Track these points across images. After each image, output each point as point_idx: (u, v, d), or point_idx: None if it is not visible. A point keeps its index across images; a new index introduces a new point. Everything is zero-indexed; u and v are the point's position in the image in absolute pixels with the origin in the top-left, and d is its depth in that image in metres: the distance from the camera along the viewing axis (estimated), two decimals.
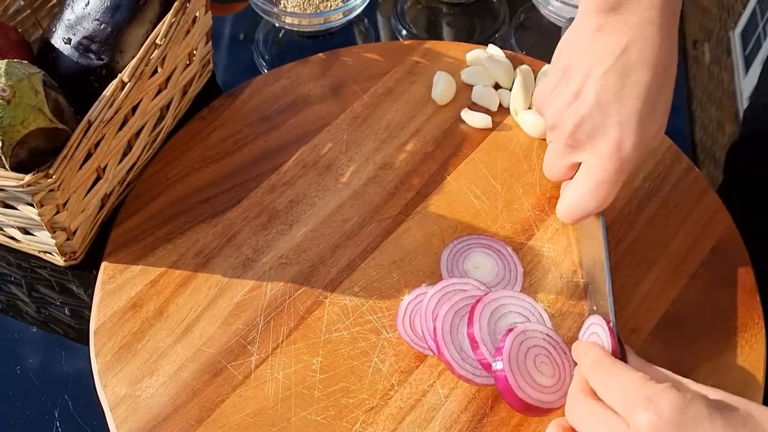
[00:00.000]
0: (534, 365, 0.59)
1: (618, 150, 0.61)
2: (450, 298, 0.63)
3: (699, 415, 0.48)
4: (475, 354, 0.61)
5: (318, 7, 0.85)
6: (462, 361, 0.61)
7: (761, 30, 1.16)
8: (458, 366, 0.61)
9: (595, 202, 0.64)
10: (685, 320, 0.66)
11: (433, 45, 0.83)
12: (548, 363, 0.60)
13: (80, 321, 0.68)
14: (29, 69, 0.60)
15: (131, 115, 0.67)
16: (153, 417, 0.60)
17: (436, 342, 0.62)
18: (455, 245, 0.68)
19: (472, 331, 0.61)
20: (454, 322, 0.62)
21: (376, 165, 0.74)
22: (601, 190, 0.63)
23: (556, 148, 0.66)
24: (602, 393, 0.53)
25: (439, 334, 0.62)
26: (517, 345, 0.59)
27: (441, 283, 0.65)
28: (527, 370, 0.59)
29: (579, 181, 0.64)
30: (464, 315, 0.62)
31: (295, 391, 0.61)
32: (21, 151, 0.59)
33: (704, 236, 0.70)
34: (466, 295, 0.64)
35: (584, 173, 0.64)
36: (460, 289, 0.64)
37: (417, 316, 0.64)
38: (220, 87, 0.83)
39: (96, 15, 0.67)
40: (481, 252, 0.68)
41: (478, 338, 0.61)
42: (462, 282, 0.65)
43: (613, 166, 0.62)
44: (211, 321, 0.65)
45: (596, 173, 0.63)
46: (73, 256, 0.69)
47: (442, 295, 0.64)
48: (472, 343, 0.61)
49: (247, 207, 0.72)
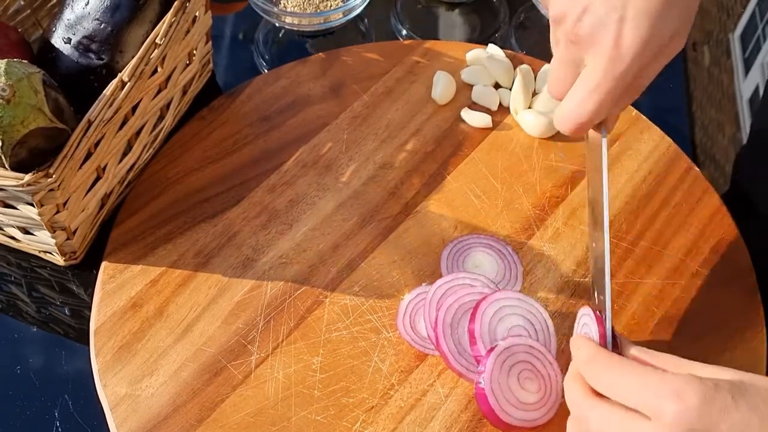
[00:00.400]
0: (518, 383, 0.59)
1: (616, 47, 0.56)
2: (456, 291, 0.63)
3: (725, 403, 0.47)
4: (471, 350, 0.61)
5: (318, 6, 0.85)
6: (458, 354, 0.61)
7: (761, 32, 1.16)
8: (453, 359, 0.61)
9: (589, 108, 0.58)
10: (685, 320, 0.66)
11: (433, 45, 0.83)
12: (533, 377, 0.60)
13: (80, 321, 0.68)
14: (29, 68, 0.60)
15: (131, 114, 0.67)
16: (153, 417, 0.60)
17: (436, 333, 0.62)
18: (455, 245, 0.68)
19: (473, 327, 0.61)
20: (456, 316, 0.62)
21: (376, 164, 0.74)
22: (596, 94, 0.57)
23: (559, 51, 0.61)
24: (609, 390, 0.51)
25: (440, 325, 0.62)
26: (499, 365, 0.59)
27: (450, 276, 0.65)
28: (510, 390, 0.59)
29: (576, 84, 0.59)
30: (468, 310, 0.62)
31: (295, 390, 0.61)
32: (21, 151, 0.59)
33: (704, 236, 0.70)
34: (473, 291, 0.63)
35: (582, 75, 0.59)
36: (469, 284, 0.64)
37: (417, 315, 0.64)
38: (220, 87, 0.83)
39: (96, 14, 0.67)
40: (481, 251, 0.68)
41: (477, 335, 0.61)
42: (472, 277, 0.65)
43: (610, 66, 0.56)
44: (211, 320, 0.65)
45: (593, 74, 0.57)
46: (73, 255, 0.69)
47: (449, 288, 0.64)
48: (471, 339, 0.61)
49: (247, 207, 0.72)
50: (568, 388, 0.54)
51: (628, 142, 0.76)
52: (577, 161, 0.74)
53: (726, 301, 0.66)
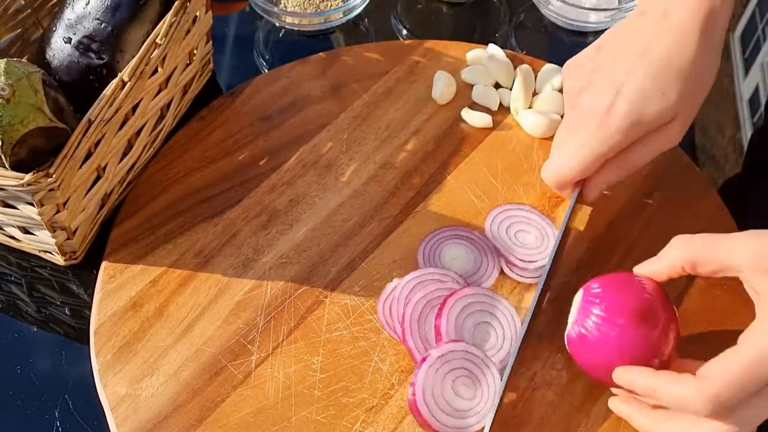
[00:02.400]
0: (452, 390, 0.59)
1: (606, 115, 0.61)
2: (426, 287, 0.64)
3: None
4: (436, 345, 0.61)
5: (318, 6, 0.85)
6: (423, 350, 0.62)
7: (760, 32, 1.16)
8: (418, 355, 0.61)
9: (573, 165, 0.64)
10: (685, 320, 0.66)
11: (434, 44, 0.83)
12: (469, 383, 0.60)
13: (80, 320, 0.68)
14: (29, 68, 0.60)
15: (131, 114, 0.67)
16: (153, 416, 0.60)
17: (403, 327, 0.62)
18: (428, 241, 0.68)
19: (439, 323, 0.61)
20: (424, 311, 0.63)
21: (376, 164, 0.74)
22: (581, 151, 0.63)
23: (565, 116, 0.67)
24: None
25: (407, 320, 0.62)
26: (432, 374, 0.59)
27: (419, 271, 0.65)
28: (444, 398, 0.59)
29: (567, 142, 0.65)
30: (436, 306, 0.63)
31: (296, 390, 0.61)
32: (21, 151, 0.59)
33: None
34: (442, 287, 0.64)
35: (573, 137, 0.64)
36: (438, 280, 0.64)
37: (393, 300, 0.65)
38: (220, 87, 0.83)
39: (96, 14, 0.67)
40: (454, 243, 0.68)
41: (443, 330, 0.61)
42: (441, 272, 0.65)
43: (598, 130, 0.62)
44: (211, 320, 0.65)
45: (581, 134, 0.63)
46: (73, 255, 0.69)
47: (417, 283, 0.64)
48: (437, 334, 0.61)
49: (247, 206, 0.71)
50: None
51: None
52: None
53: (726, 302, 0.66)
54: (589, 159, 0.63)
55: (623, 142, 0.62)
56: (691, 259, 0.56)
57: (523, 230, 0.68)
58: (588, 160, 0.63)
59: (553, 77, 0.78)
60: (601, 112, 0.61)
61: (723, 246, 0.55)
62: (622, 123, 0.61)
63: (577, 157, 0.63)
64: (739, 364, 0.51)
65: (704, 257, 0.56)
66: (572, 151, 0.63)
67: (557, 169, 0.65)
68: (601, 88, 0.62)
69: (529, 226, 0.69)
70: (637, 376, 0.55)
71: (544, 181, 0.67)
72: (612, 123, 0.61)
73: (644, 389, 0.55)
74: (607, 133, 0.62)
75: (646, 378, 0.55)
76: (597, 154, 0.63)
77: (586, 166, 0.63)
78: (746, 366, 0.51)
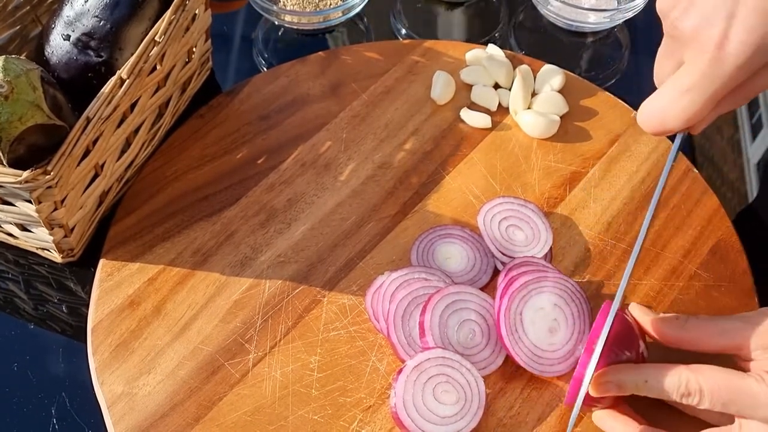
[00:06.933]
0: (433, 398, 0.59)
1: (719, 47, 0.49)
2: (411, 284, 0.64)
3: None
4: (420, 342, 0.61)
5: (317, 5, 0.85)
6: (408, 346, 0.62)
7: None
8: (402, 351, 0.62)
9: (677, 112, 0.52)
10: None
11: (433, 44, 0.83)
12: (450, 389, 0.59)
13: (78, 318, 0.68)
14: (27, 65, 0.60)
15: (130, 112, 0.67)
16: (150, 415, 0.60)
17: (387, 323, 0.62)
18: (421, 240, 0.68)
19: (423, 320, 0.62)
20: (408, 308, 0.63)
21: (374, 164, 0.74)
22: (689, 96, 0.51)
23: (662, 44, 0.55)
24: None
25: (391, 316, 0.62)
26: (411, 384, 0.59)
27: (406, 269, 0.65)
28: (426, 406, 0.59)
29: (668, 82, 0.53)
30: (420, 303, 0.63)
31: (293, 389, 0.61)
32: (19, 148, 0.59)
33: (703, 237, 0.70)
34: (427, 285, 0.64)
35: (677, 73, 0.52)
36: (424, 278, 0.65)
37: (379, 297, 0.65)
38: (219, 85, 0.83)
39: (95, 12, 0.67)
40: (447, 242, 0.68)
41: (426, 327, 0.61)
42: (427, 271, 0.65)
43: (709, 68, 0.50)
44: (208, 319, 0.65)
45: (689, 74, 0.51)
46: (70, 253, 0.69)
47: (403, 281, 0.64)
48: (420, 331, 0.61)
49: (245, 205, 0.71)
50: None
51: (627, 144, 0.76)
52: (575, 162, 0.74)
53: (724, 303, 0.66)
54: (699, 103, 0.51)
55: (742, 77, 0.50)
56: None
57: (515, 225, 0.68)
58: (698, 104, 0.51)
59: (552, 78, 0.78)
60: (713, 43, 0.49)
61: None
62: (741, 56, 0.49)
63: (683, 103, 0.52)
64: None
65: None
66: (677, 95, 0.52)
67: (659, 117, 0.54)
68: (706, 9, 0.50)
69: (522, 222, 0.69)
70: (623, 372, 0.55)
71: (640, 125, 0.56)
72: (728, 57, 0.49)
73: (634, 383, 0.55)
74: (723, 71, 0.50)
75: (633, 372, 0.55)
76: (710, 96, 0.51)
77: (696, 111, 0.52)
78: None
